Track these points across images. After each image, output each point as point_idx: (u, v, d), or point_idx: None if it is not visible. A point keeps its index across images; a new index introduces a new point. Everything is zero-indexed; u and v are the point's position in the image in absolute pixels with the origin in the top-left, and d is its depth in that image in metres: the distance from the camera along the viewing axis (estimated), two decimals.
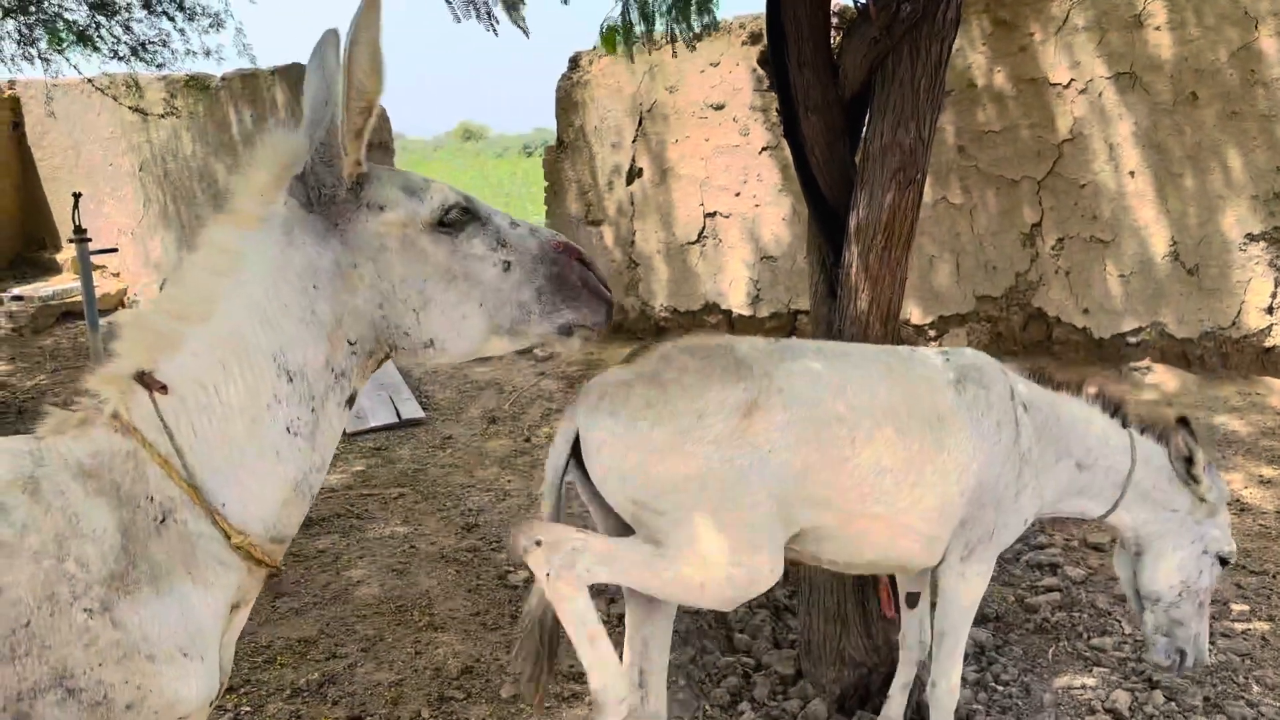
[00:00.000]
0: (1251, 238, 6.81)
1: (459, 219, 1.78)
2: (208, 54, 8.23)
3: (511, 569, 4.80)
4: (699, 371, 2.58)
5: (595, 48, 9.22)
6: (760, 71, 8.25)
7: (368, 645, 4.13)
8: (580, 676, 3.80)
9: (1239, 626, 4.00)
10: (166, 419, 1.66)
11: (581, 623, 2.42)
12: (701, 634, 4.11)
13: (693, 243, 9.01)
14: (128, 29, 7.99)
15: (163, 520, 1.64)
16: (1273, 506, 5.09)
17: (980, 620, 4.21)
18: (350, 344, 1.76)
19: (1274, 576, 4.39)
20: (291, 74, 9.92)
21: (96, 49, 7.85)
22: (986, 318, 7.90)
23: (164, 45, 8.04)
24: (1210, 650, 3.71)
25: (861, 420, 2.63)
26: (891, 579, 3.39)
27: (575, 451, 2.65)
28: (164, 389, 1.66)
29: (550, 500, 2.67)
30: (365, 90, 1.63)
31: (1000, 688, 3.73)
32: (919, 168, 3.31)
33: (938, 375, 2.84)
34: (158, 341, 1.69)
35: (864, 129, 3.51)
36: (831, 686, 3.67)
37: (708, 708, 3.62)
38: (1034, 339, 7.74)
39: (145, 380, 1.67)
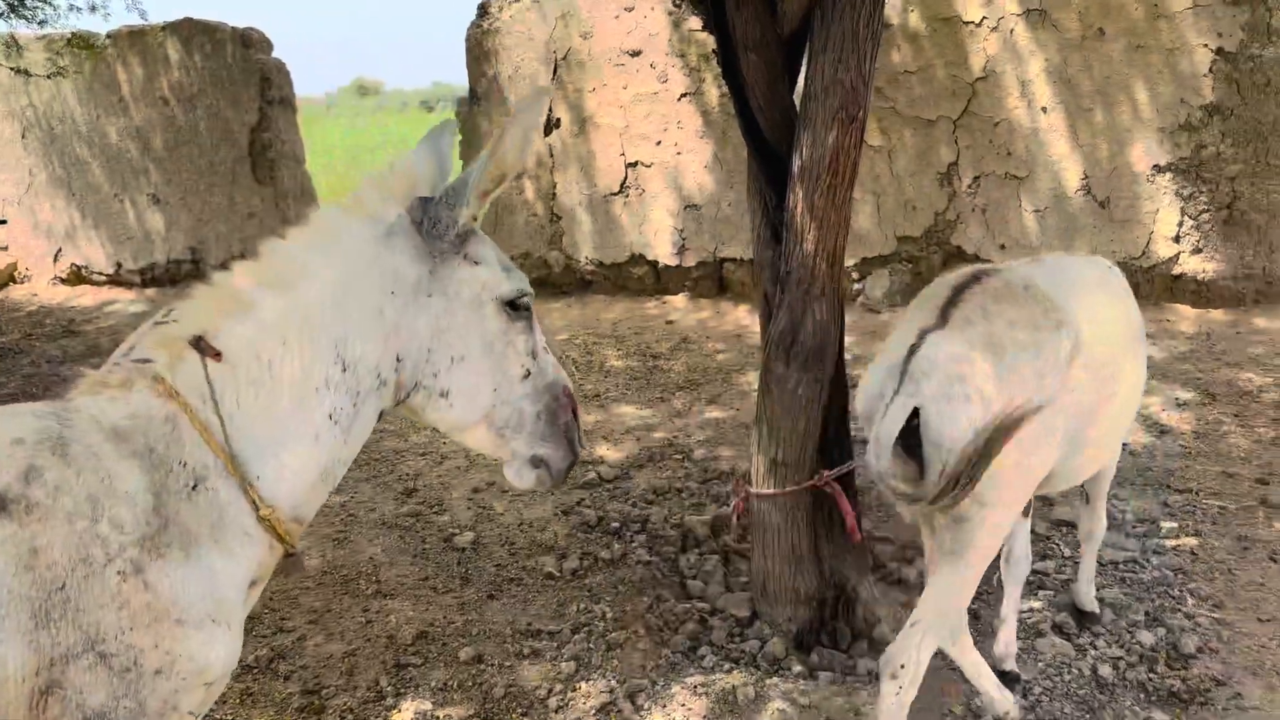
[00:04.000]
0: (1159, 169, 7.01)
1: (523, 309, 1.94)
2: (93, 9, 7.75)
3: (457, 531, 4.73)
4: (1027, 324, 2.47)
5: None
6: (674, 15, 8.13)
7: (315, 617, 4.02)
8: (537, 634, 3.78)
9: (1169, 543, 4.16)
10: (214, 386, 1.68)
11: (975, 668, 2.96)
12: (656, 583, 4.12)
13: (615, 193, 8.90)
14: None
15: (194, 486, 1.65)
16: (1189, 428, 5.30)
17: (916, 553, 4.30)
18: (398, 360, 1.86)
19: (1196, 494, 4.58)
20: (183, 30, 9.42)
21: None
22: (908, 258, 8.01)
23: (45, 1, 7.54)
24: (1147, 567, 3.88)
25: (1116, 355, 2.67)
26: (853, 500, 3.47)
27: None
28: (218, 356, 1.69)
29: (887, 460, 2.42)
30: (505, 162, 1.81)
31: None
32: (861, 105, 3.29)
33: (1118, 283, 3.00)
34: (229, 306, 1.73)
35: (803, 68, 3.47)
36: (788, 625, 3.72)
37: (669, 654, 3.63)
38: None
39: (201, 345, 1.69)
